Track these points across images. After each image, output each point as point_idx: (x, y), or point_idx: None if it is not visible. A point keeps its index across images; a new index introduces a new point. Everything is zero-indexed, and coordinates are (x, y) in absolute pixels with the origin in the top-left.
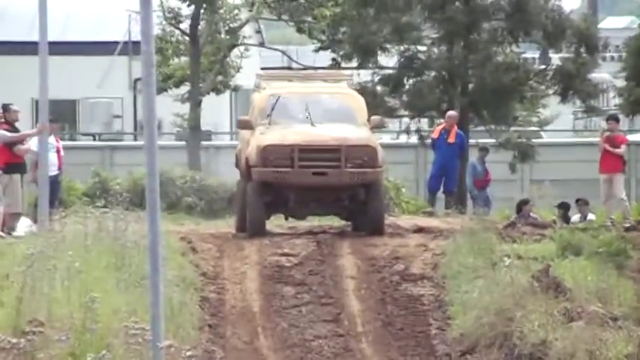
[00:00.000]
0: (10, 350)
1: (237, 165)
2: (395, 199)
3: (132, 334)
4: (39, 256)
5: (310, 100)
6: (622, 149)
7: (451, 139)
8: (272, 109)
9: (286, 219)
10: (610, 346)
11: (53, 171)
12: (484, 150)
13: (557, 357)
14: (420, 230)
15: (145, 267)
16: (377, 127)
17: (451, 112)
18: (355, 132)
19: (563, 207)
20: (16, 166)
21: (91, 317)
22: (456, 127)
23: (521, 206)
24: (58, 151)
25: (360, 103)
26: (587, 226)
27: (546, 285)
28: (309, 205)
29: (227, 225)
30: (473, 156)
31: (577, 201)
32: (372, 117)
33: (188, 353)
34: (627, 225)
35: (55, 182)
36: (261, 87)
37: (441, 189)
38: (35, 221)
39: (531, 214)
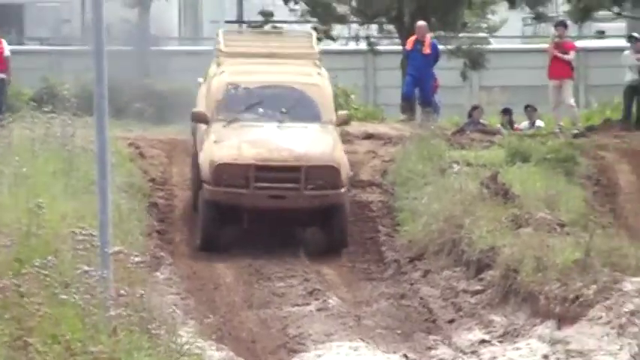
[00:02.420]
0: None
1: (192, 133)
2: (344, 105)
3: (79, 239)
4: None
5: (272, 94)
6: (571, 55)
7: (427, 50)
8: (231, 105)
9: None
10: (557, 252)
11: None
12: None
13: (505, 263)
14: (369, 137)
15: (92, 173)
16: (343, 124)
17: (420, 23)
18: (318, 142)
19: (508, 112)
20: None
21: (38, 222)
22: (429, 37)
23: (472, 112)
24: None
25: (326, 95)
26: (535, 133)
27: (495, 191)
28: (265, 224)
29: (175, 132)
30: None
31: (526, 107)
32: (339, 113)
33: (136, 259)
34: (576, 132)
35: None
36: (220, 64)
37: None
38: None
39: (480, 120)
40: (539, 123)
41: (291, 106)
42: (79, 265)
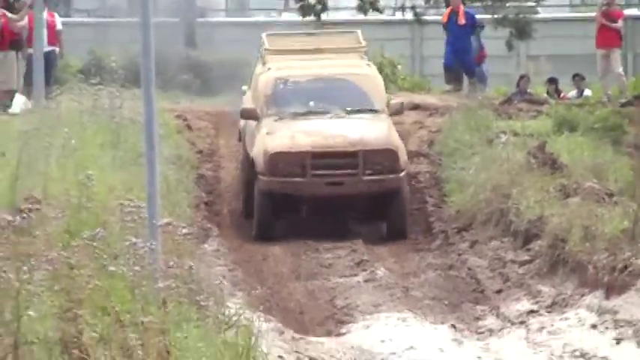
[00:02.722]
0: (6, 227)
1: (239, 139)
2: (390, 75)
3: (128, 211)
4: (34, 133)
5: (322, 86)
6: (619, 24)
7: (461, 21)
8: (281, 99)
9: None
10: (606, 222)
11: (46, 47)
12: (479, 26)
13: (553, 233)
14: (416, 107)
15: (140, 145)
16: (396, 114)
17: None
18: (373, 129)
19: (554, 82)
20: (10, 42)
21: (87, 195)
22: (462, 8)
23: (519, 82)
24: (50, 27)
25: (377, 84)
26: (583, 102)
27: (542, 161)
28: (323, 212)
29: (222, 103)
30: None
31: (574, 77)
32: (391, 102)
33: (184, 231)
34: (624, 100)
35: (49, 59)
36: (266, 62)
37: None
38: (30, 99)
39: (528, 90)
40: (586, 92)
41: (343, 97)
42: (128, 236)
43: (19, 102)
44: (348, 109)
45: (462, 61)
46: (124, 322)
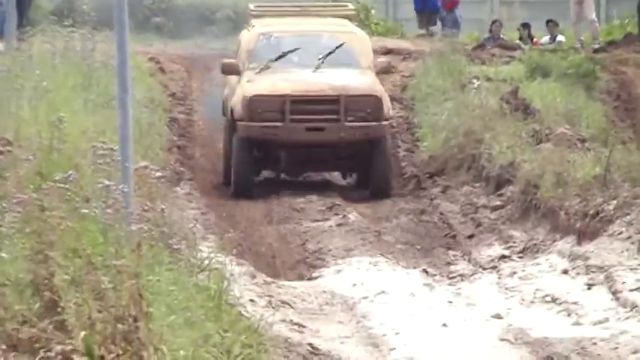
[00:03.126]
0: None
1: (224, 113)
2: (364, 20)
3: (100, 154)
4: (6, 74)
5: (306, 41)
6: None
7: None
8: (264, 53)
9: (278, 176)
10: (578, 168)
11: None
12: None
13: (525, 178)
14: (388, 52)
15: (113, 88)
16: (383, 72)
17: None
18: (357, 78)
19: (527, 27)
20: None
21: (59, 137)
22: None
23: (491, 27)
24: None
25: (364, 43)
26: (556, 48)
27: (515, 106)
28: (304, 163)
29: (195, 45)
30: None
31: (547, 22)
32: (378, 60)
33: (157, 174)
34: (596, 46)
35: (21, 1)
36: (251, 24)
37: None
38: (2, 38)
39: (501, 35)
40: (560, 38)
41: (327, 51)
42: (100, 179)
43: None
44: (334, 64)
45: (428, 4)
46: (96, 265)
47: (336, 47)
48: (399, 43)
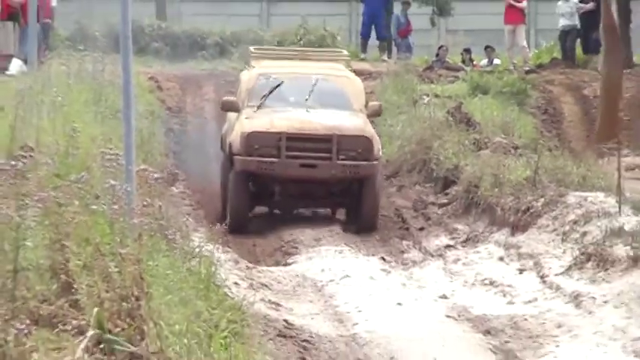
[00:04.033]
0: (5, 171)
1: (222, 148)
2: (331, 45)
3: (108, 159)
4: (29, 91)
5: (302, 83)
6: (523, 3)
7: None
8: (262, 92)
9: (271, 212)
10: (512, 171)
11: (44, 19)
12: (406, 4)
13: (468, 180)
14: (352, 72)
15: (118, 102)
16: (375, 115)
17: None
18: (350, 120)
19: (468, 52)
20: (8, 14)
21: (73, 144)
22: None
23: (438, 52)
24: (47, 3)
25: (357, 86)
26: (493, 70)
27: (459, 119)
28: (297, 198)
29: (188, 67)
30: (397, 9)
31: (485, 48)
32: (370, 103)
33: (155, 175)
34: (527, 69)
35: (45, 29)
36: (251, 65)
37: (374, 36)
38: (25, 62)
39: (446, 59)
40: (496, 61)
41: (322, 94)
42: (108, 180)
43: (16, 65)
44: (327, 105)
45: (376, 27)
46: (104, 253)
47: (316, 82)
48: (361, 65)
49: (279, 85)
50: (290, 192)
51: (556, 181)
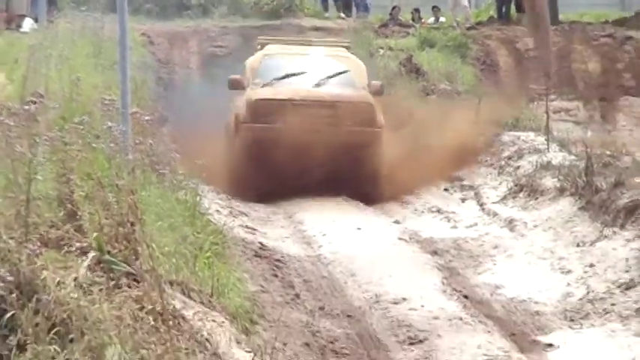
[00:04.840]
0: (19, 114)
1: (226, 129)
2: (299, 5)
3: (106, 104)
4: (39, 46)
5: (307, 62)
6: None
7: None
8: (267, 71)
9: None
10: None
11: None
12: None
13: (418, 122)
14: (317, 29)
15: (116, 55)
16: (376, 93)
17: None
18: (352, 92)
19: (417, 11)
20: None
21: (77, 91)
22: None
23: (392, 11)
24: None
25: (359, 67)
26: (439, 27)
27: (409, 69)
28: (301, 162)
29: (175, 25)
30: None
31: (432, 8)
32: (372, 82)
33: (147, 117)
34: (468, 26)
35: None
36: (257, 50)
37: None
38: (36, 21)
39: (399, 17)
40: (441, 19)
41: (325, 71)
42: (106, 122)
43: (28, 23)
44: (331, 83)
45: None
46: (104, 185)
47: (341, 72)
48: (325, 22)
49: (295, 74)
50: (294, 159)
51: (494, 121)
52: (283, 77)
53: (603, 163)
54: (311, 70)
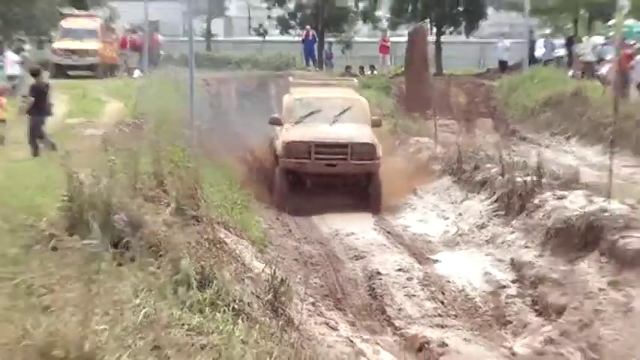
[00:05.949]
0: (131, 125)
1: (269, 148)
2: (292, 62)
3: (181, 119)
4: (143, 87)
5: (326, 104)
6: (389, 43)
7: (310, 38)
8: (297, 111)
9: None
10: (383, 126)
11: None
12: (330, 43)
13: None
14: (304, 76)
15: (187, 91)
16: (376, 125)
17: (307, 27)
18: (359, 131)
19: (362, 68)
20: (132, 47)
21: (164, 112)
22: (312, 32)
23: (346, 68)
24: (156, 41)
25: (364, 105)
26: (374, 76)
27: None
28: (322, 186)
29: (221, 74)
30: (326, 45)
31: (370, 66)
32: (373, 117)
33: (204, 127)
34: (390, 76)
35: (156, 56)
36: (290, 92)
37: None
38: (142, 72)
39: (350, 71)
40: (375, 72)
41: (339, 111)
42: (182, 130)
43: (137, 73)
44: (343, 119)
45: (312, 57)
46: (180, 166)
47: (345, 110)
48: (307, 73)
49: (313, 113)
50: (317, 182)
51: (405, 131)
52: (307, 115)
53: (468, 156)
54: (327, 108)
